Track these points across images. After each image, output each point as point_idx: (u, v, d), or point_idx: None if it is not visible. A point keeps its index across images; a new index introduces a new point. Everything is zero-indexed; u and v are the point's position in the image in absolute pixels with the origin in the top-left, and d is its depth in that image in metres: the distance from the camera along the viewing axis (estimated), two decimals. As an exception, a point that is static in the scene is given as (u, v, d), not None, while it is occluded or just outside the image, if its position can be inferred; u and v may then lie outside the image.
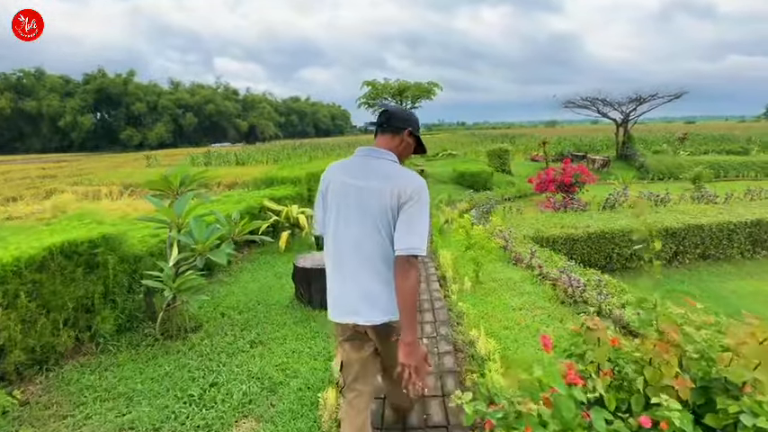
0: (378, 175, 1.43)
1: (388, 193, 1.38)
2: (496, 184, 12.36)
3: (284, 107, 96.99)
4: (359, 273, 1.45)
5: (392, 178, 1.41)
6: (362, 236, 1.42)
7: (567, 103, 16.62)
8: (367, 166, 1.48)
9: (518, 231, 6.75)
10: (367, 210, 1.41)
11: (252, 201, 5.23)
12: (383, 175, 1.42)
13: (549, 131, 49.85)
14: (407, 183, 1.39)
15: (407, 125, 1.53)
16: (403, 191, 1.37)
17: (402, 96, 15.65)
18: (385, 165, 1.46)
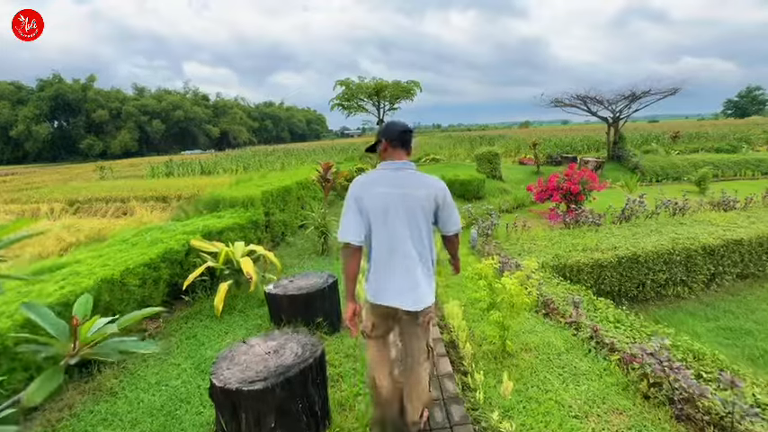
0: (418, 185, 1.78)
1: (432, 197, 1.79)
2: (489, 192, 11.09)
3: (258, 112, 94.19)
4: (408, 266, 1.76)
5: (429, 186, 1.80)
6: (411, 235, 1.75)
7: (555, 102, 15.63)
8: (404, 177, 1.79)
9: (533, 257, 5.42)
10: (414, 213, 1.75)
11: (174, 241, 3.63)
12: (422, 184, 1.79)
13: (524, 132, 49.80)
14: (440, 188, 1.84)
15: (412, 138, 1.89)
16: (440, 195, 1.82)
17: (379, 97, 14.29)
18: (415, 174, 1.82)
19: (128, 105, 70.04)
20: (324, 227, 5.50)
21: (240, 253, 3.91)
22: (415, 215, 1.74)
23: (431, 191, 1.77)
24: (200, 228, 4.10)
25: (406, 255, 1.74)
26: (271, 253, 4.04)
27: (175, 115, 73.02)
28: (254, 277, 3.58)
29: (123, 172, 31.97)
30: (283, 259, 5.25)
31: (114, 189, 19.27)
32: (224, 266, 3.78)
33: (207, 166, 25.47)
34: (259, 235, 5.25)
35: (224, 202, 5.34)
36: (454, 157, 21.34)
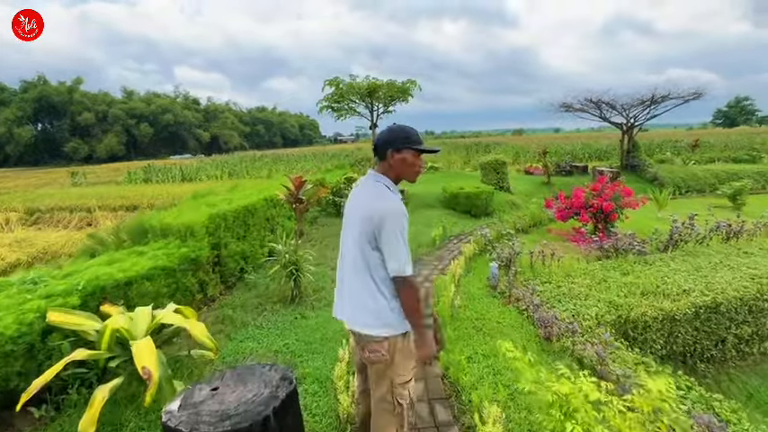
0: (363, 199, 1.60)
1: (366, 217, 1.52)
2: (497, 206, 9.69)
3: (249, 117, 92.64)
4: (352, 285, 1.63)
5: (369, 203, 1.54)
6: (353, 253, 1.59)
7: (564, 107, 14.37)
8: (363, 189, 1.65)
9: (579, 303, 3.99)
10: (354, 230, 1.58)
11: (13, 317, 2.11)
12: (366, 199, 1.58)
13: (518, 140, 48.97)
14: (377, 208, 1.50)
15: (388, 146, 1.57)
16: (374, 215, 1.49)
17: (373, 98, 12.92)
18: (372, 189, 1.59)
19: (115, 108, 68.13)
20: (294, 264, 4.01)
21: (142, 328, 2.40)
22: (355, 234, 1.57)
23: (370, 209, 1.52)
24: (87, 283, 2.58)
25: (352, 274, 1.62)
26: (199, 325, 2.53)
27: (164, 119, 71.19)
28: (154, 376, 2.07)
29: (104, 177, 30.22)
30: (235, 312, 3.74)
31: (83, 197, 17.56)
32: (110, 354, 2.26)
33: (189, 173, 23.86)
34: (202, 278, 3.74)
35: (153, 231, 3.82)
36: (451, 165, 19.99)
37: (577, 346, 3.14)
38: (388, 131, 1.62)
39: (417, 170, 1.62)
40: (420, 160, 1.63)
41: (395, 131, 1.59)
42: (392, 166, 1.57)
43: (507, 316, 4.01)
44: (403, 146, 1.55)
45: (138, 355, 2.12)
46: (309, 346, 3.38)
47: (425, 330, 1.65)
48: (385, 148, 1.56)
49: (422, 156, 1.64)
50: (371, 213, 1.49)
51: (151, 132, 69.25)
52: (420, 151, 1.60)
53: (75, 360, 2.02)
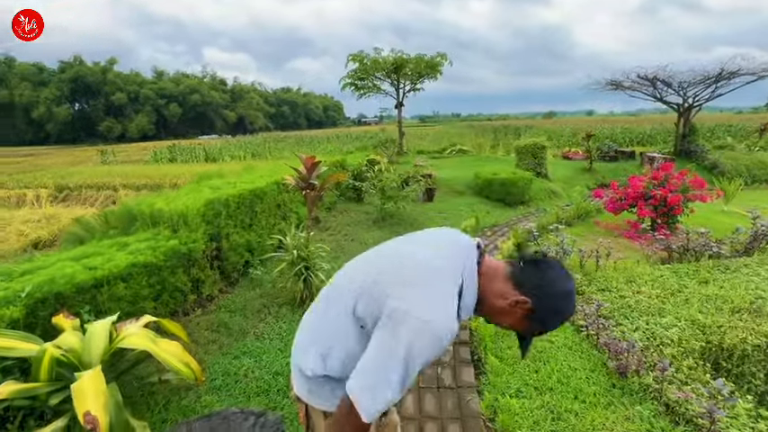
0: (405, 262, 0.98)
1: (381, 291, 0.92)
2: (535, 194, 8.75)
3: (275, 98, 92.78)
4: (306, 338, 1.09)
5: (405, 276, 0.93)
6: (338, 308, 1.01)
7: (610, 85, 12.94)
8: (425, 247, 1.03)
9: (649, 324, 3.20)
10: (358, 283, 0.99)
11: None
12: (410, 267, 0.95)
13: (549, 123, 46.43)
14: (404, 297, 0.88)
15: (534, 292, 0.92)
16: (392, 302, 0.88)
17: (399, 75, 11.95)
18: (435, 267, 0.95)
19: (145, 88, 69.66)
20: (305, 261, 3.40)
21: (97, 352, 1.84)
22: (354, 287, 0.99)
23: (390, 285, 0.92)
24: (36, 287, 2.04)
25: (319, 315, 1.08)
26: (172, 347, 1.95)
27: (192, 99, 72.32)
28: (101, 424, 1.52)
29: (134, 156, 30.83)
30: (234, 317, 3.18)
31: (109, 175, 17.75)
32: (51, 388, 1.72)
33: (212, 153, 23.82)
34: (196, 275, 3.18)
35: (143, 218, 3.28)
36: (480, 149, 18.81)
37: (668, 387, 2.37)
38: (555, 293, 0.95)
39: (506, 326, 1.03)
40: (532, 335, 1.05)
41: (563, 312, 0.98)
42: (496, 302, 0.97)
43: (560, 333, 3.27)
44: (541, 322, 0.97)
45: (78, 396, 1.55)
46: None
47: None
48: (535, 295, 0.93)
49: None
50: (392, 295, 0.89)
51: (180, 112, 70.57)
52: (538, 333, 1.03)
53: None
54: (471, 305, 0.96)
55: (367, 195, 6.71)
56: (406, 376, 0.85)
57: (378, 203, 6.22)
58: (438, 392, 2.59)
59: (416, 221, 6.31)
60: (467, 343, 3.17)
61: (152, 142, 50.06)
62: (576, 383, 2.63)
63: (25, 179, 17.93)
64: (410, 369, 0.85)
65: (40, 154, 38.65)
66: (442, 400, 2.51)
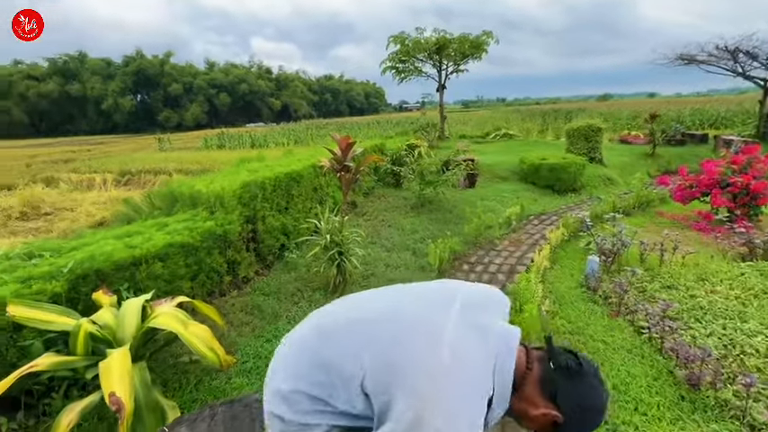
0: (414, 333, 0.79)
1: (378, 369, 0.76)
2: (588, 181, 8.07)
3: (318, 86, 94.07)
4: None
5: (412, 356, 0.74)
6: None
7: (681, 60, 11.54)
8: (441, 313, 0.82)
9: (726, 329, 2.76)
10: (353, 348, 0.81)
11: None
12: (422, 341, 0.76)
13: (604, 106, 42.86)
14: (409, 389, 0.71)
15: (566, 407, 0.78)
16: (397, 384, 0.72)
17: (442, 55, 11.43)
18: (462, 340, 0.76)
19: (198, 79, 73.43)
20: (338, 246, 3.31)
21: (130, 330, 1.85)
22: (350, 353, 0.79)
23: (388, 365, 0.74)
24: (77, 264, 2.10)
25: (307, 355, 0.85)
26: (201, 331, 1.92)
27: (240, 88, 75.25)
28: (126, 407, 1.51)
29: (188, 143, 32.77)
30: (267, 300, 3.17)
31: (165, 161, 18.95)
32: (87, 362, 1.75)
33: (258, 140, 24.68)
34: (232, 256, 3.20)
35: (183, 199, 3.34)
36: (528, 134, 17.76)
37: (754, 405, 2.01)
38: (588, 408, 0.81)
39: (529, 427, 0.86)
40: None
41: (591, 415, 0.82)
42: (526, 409, 0.82)
43: (617, 334, 2.93)
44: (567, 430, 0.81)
45: (105, 376, 1.55)
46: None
47: None
48: (564, 406, 0.79)
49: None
50: (402, 394, 0.71)
51: (229, 101, 73.80)
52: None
53: (16, 377, 1.49)
54: (500, 414, 0.81)
55: (405, 180, 6.51)
56: None
57: (416, 189, 6.01)
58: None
59: (456, 208, 6.03)
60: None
61: (204, 130, 52.90)
62: (636, 392, 2.32)
63: (95, 165, 19.61)
64: None
65: (108, 142, 42.19)
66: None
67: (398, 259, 4.21)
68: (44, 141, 46.71)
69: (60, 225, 8.95)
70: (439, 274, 4.08)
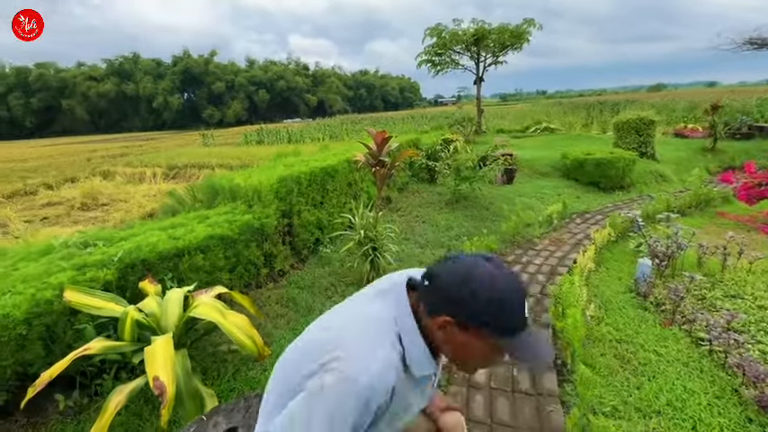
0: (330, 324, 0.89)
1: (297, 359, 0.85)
2: (638, 178, 7.54)
3: (353, 81, 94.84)
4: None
5: (324, 339, 0.82)
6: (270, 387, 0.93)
7: (751, 45, 10.44)
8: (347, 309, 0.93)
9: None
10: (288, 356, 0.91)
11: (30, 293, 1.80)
12: (332, 329, 0.85)
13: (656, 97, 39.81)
14: (319, 360, 0.76)
15: (450, 309, 0.76)
16: (305, 368, 0.78)
17: (480, 47, 11.06)
18: (361, 317, 0.84)
19: (240, 77, 76.30)
20: (373, 240, 3.28)
21: (173, 319, 1.92)
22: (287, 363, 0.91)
23: (305, 352, 0.84)
24: (126, 254, 2.21)
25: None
26: (239, 320, 1.97)
27: (279, 85, 77.42)
28: (168, 391, 1.57)
29: (229, 139, 34.23)
30: (302, 293, 3.21)
31: (208, 156, 19.85)
32: (134, 347, 1.83)
33: (294, 135, 25.27)
34: (269, 249, 3.27)
35: (223, 192, 3.45)
36: (571, 128, 16.87)
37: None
38: (470, 290, 0.75)
39: (486, 365, 0.85)
40: (502, 356, 0.81)
41: (481, 296, 0.74)
42: (439, 336, 0.81)
43: (672, 345, 2.69)
44: (481, 326, 0.75)
45: (150, 361, 1.62)
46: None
47: None
48: (444, 307, 0.77)
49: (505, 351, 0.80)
50: (307, 360, 0.80)
51: (268, 98, 76.18)
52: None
53: (69, 361, 1.58)
54: (423, 355, 0.81)
55: (440, 176, 6.38)
56: None
57: (451, 184, 5.87)
58: (513, 397, 2.30)
59: (492, 205, 5.83)
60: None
61: (244, 126, 54.96)
62: (693, 410, 2.11)
63: (145, 159, 20.92)
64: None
65: (157, 138, 44.89)
66: (518, 407, 2.22)
67: (432, 256, 4.13)
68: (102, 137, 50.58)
69: (116, 215, 9.63)
70: (474, 272, 3.96)
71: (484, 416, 2.16)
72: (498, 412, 2.18)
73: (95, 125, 72.18)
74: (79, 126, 69.67)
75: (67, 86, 69.10)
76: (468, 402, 2.27)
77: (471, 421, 2.13)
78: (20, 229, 7.07)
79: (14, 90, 66.75)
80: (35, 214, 9.21)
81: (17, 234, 6.79)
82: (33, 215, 9.03)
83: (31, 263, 2.12)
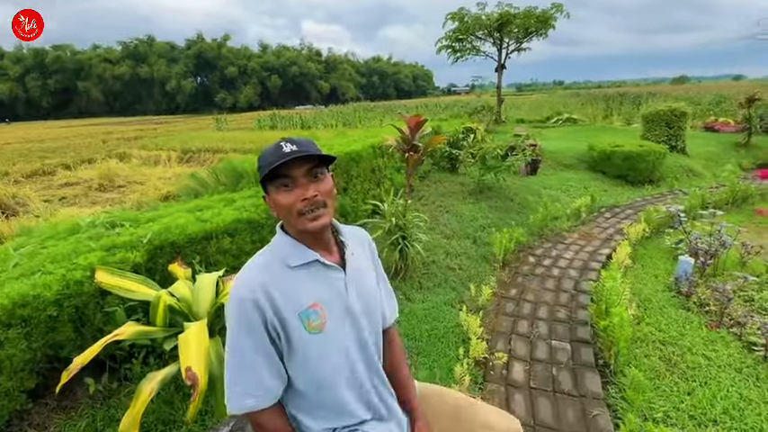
0: None
1: None
2: (667, 172, 7.24)
3: (366, 68, 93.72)
4: None
5: None
6: None
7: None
8: None
9: None
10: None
11: (61, 274, 1.71)
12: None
13: (680, 90, 38.46)
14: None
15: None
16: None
17: (503, 32, 10.65)
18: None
19: (252, 62, 75.92)
20: (403, 229, 3.16)
21: (205, 305, 1.84)
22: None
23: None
24: (155, 236, 2.12)
25: None
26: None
27: (291, 71, 76.87)
28: (201, 382, 1.49)
29: (242, 124, 34.19)
30: (328, 281, 3.11)
31: (222, 140, 19.84)
32: (166, 333, 1.75)
33: (307, 121, 25.13)
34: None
35: (247, 175, 3.35)
36: (593, 119, 16.34)
37: None
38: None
39: (296, 210, 0.90)
40: (287, 194, 0.90)
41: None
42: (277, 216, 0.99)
43: (721, 349, 2.53)
44: (261, 181, 0.95)
45: (183, 349, 1.53)
46: (413, 345, 2.56)
47: None
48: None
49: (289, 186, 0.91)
50: None
51: (280, 84, 75.76)
52: (273, 177, 0.91)
53: (101, 347, 1.50)
54: (290, 246, 0.94)
55: (462, 165, 6.19)
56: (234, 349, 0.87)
57: (475, 174, 5.69)
58: (554, 398, 2.18)
59: (517, 196, 5.64)
60: (589, 343, 2.64)
61: (257, 112, 54.87)
62: (753, 421, 1.97)
63: (160, 143, 21.00)
64: (235, 341, 0.87)
65: (171, 121, 45.11)
66: (561, 409, 2.10)
67: (458, 247, 3.99)
68: (117, 120, 51.03)
69: (132, 197, 9.67)
70: (503, 266, 3.82)
71: (526, 417, 2.05)
72: (541, 414, 2.06)
73: (110, 107, 72.87)
74: (94, 107, 70.41)
75: (83, 68, 69.65)
76: (507, 402, 2.16)
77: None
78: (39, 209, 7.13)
79: (32, 71, 67.53)
80: (53, 194, 9.28)
81: (37, 213, 6.84)
82: (52, 195, 9.11)
83: (60, 242, 2.05)
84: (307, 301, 0.88)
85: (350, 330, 0.94)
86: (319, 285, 0.92)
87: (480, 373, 2.37)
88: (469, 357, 2.40)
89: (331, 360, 0.91)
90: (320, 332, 0.89)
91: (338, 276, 0.95)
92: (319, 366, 0.90)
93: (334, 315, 0.91)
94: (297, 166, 0.87)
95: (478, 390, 2.24)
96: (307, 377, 0.91)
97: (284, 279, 0.89)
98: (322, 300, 0.90)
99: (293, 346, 0.88)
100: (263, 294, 0.84)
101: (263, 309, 0.84)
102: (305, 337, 0.87)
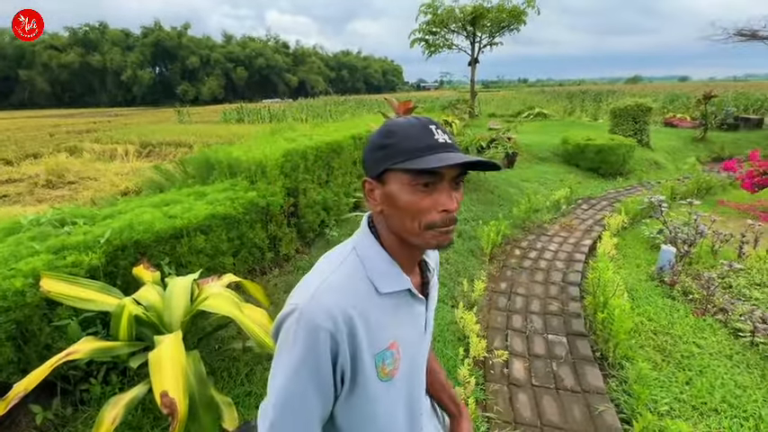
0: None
1: None
2: (635, 166, 7.50)
3: (335, 62, 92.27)
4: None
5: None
6: None
7: (740, 36, 10.54)
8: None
9: None
10: None
11: None
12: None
13: (634, 89, 40.69)
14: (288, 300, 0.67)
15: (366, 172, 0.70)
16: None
17: (476, 26, 10.68)
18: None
19: (216, 52, 72.63)
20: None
21: (178, 313, 1.58)
22: None
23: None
24: (115, 234, 1.82)
25: None
26: (257, 314, 1.65)
27: (257, 63, 74.28)
28: (180, 409, 1.24)
29: (206, 117, 32.60)
30: (312, 280, 2.89)
31: (185, 133, 18.78)
32: (131, 349, 1.49)
33: (276, 115, 24.32)
34: (274, 231, 2.92)
35: (220, 166, 3.05)
36: (564, 113, 16.83)
37: None
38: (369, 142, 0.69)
39: (428, 220, 0.63)
40: (425, 196, 0.62)
41: (372, 141, 0.67)
42: (378, 218, 0.70)
43: (710, 336, 2.56)
44: (383, 165, 0.64)
45: (155, 370, 1.28)
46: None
47: None
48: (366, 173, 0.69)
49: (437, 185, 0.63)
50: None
51: (246, 76, 73.02)
52: (422, 172, 0.61)
53: (49, 371, 1.22)
54: (384, 262, 0.68)
55: (442, 158, 6.10)
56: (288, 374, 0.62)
57: (456, 167, 5.60)
58: (558, 395, 2.10)
59: (497, 189, 5.62)
60: (585, 335, 2.60)
61: (221, 105, 52.60)
62: (752, 408, 1.98)
63: (116, 136, 19.57)
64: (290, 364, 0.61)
65: (127, 114, 42.32)
66: (566, 407, 2.02)
67: (445, 241, 3.88)
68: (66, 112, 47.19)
69: (85, 194, 8.88)
70: (490, 259, 3.74)
71: (532, 417, 1.95)
72: (547, 414, 1.97)
73: (58, 98, 67.41)
74: (40, 99, 64.90)
75: (25, 55, 63.85)
76: (511, 402, 2.05)
77: (520, 424, 1.91)
78: (-25, 208, 6.37)
79: (-36, 57, 61.27)
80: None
81: (-28, 212, 6.10)
82: (-11, 193, 8.20)
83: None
84: (387, 340, 0.68)
85: (417, 376, 0.75)
86: (400, 320, 0.72)
87: (480, 373, 2.26)
88: (470, 357, 2.27)
89: (398, 417, 0.72)
90: (390, 379, 0.69)
91: (420, 311, 0.75)
92: (385, 424, 0.70)
93: (407, 358, 0.72)
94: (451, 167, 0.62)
95: (480, 390, 2.12)
96: (361, 429, 0.70)
97: (372, 308, 0.67)
98: (399, 338, 0.70)
99: (356, 393, 0.67)
100: (345, 325, 0.63)
101: (339, 342, 0.63)
102: (373, 386, 0.67)
